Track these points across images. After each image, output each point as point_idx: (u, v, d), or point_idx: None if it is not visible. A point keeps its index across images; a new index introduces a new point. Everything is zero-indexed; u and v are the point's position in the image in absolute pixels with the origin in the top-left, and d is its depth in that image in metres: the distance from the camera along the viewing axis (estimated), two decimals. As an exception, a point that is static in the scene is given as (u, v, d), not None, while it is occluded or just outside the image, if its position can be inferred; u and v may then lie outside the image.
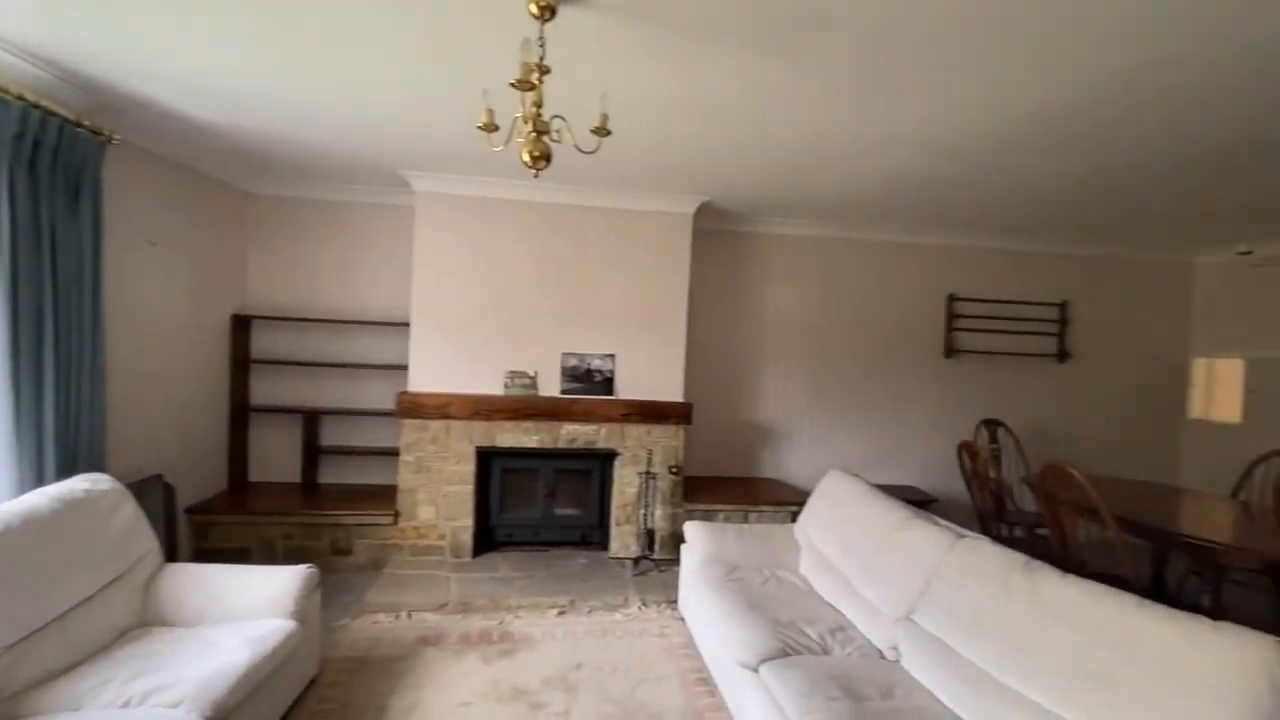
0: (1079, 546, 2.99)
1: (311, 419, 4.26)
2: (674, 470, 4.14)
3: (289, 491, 4.13)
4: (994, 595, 2.03)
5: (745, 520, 4.18)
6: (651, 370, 4.21)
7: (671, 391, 4.23)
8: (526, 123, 1.84)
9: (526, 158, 1.84)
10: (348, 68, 2.35)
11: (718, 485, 4.55)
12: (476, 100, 2.00)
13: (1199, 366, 5.35)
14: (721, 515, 4.20)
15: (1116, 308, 5.28)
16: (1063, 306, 5.19)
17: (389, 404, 4.15)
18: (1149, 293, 5.33)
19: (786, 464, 4.95)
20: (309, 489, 4.21)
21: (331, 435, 4.38)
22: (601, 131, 1.89)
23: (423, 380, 3.97)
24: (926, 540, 2.45)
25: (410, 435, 3.91)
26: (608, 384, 4.14)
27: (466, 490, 3.97)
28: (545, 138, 1.87)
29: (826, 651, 2.34)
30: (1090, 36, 1.92)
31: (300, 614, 2.42)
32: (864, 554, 2.73)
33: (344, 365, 4.28)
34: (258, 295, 4.31)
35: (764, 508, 4.26)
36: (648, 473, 4.04)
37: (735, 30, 1.95)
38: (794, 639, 2.35)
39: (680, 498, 4.18)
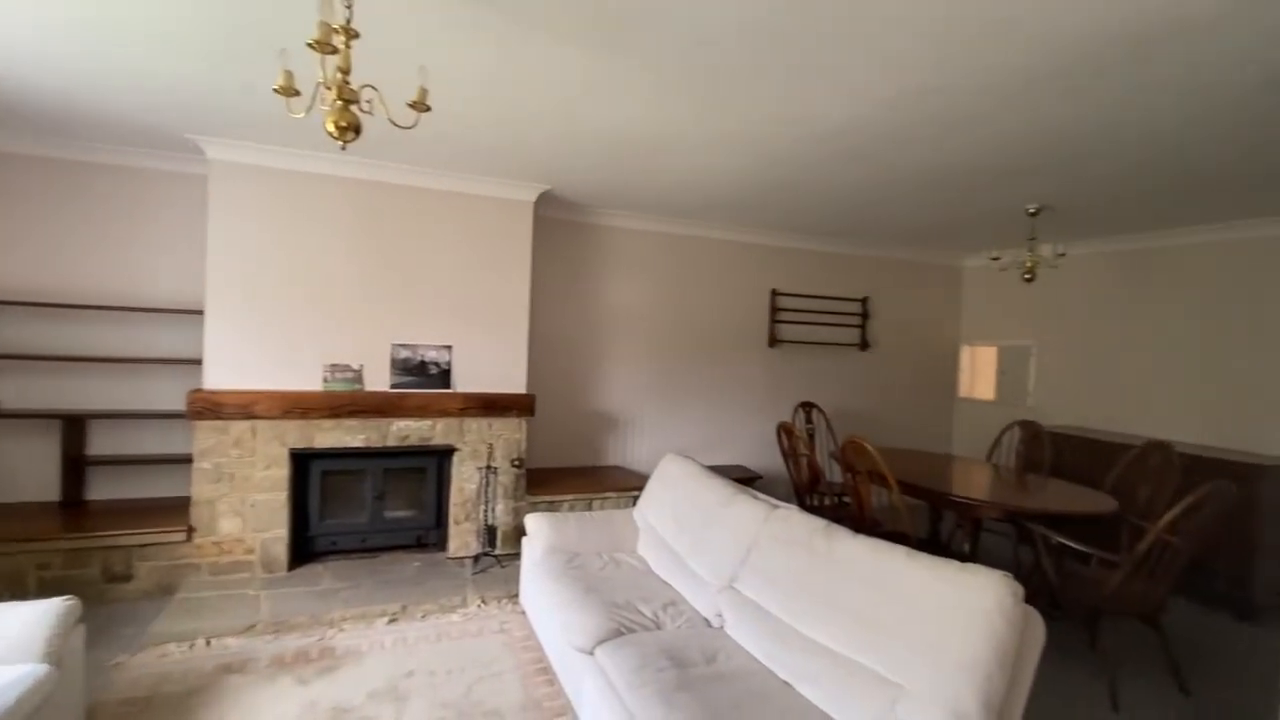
0: (873, 510, 3.42)
1: (75, 424, 3.56)
2: (516, 463, 4.07)
3: (44, 512, 3.43)
4: (800, 558, 2.26)
5: (589, 508, 4.23)
6: (492, 362, 4.09)
7: (514, 383, 4.14)
8: (330, 89, 1.68)
9: (331, 128, 1.68)
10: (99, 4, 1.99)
11: (562, 476, 4.56)
12: (271, 59, 1.79)
13: (965, 353, 6.38)
14: (566, 505, 4.21)
15: (905, 303, 6.11)
16: (864, 302, 5.90)
17: (179, 404, 3.60)
18: (930, 290, 6.24)
19: (630, 451, 5.09)
20: (72, 508, 3.52)
21: (102, 443, 3.69)
22: (420, 106, 1.79)
23: (221, 376, 3.49)
24: (746, 513, 2.66)
25: (206, 439, 3.43)
26: (444, 376, 3.95)
27: (279, 498, 3.57)
28: (354, 108, 1.72)
29: (659, 626, 2.44)
30: (878, 62, 2.18)
31: (55, 656, 2.02)
32: (694, 530, 2.89)
33: (118, 360, 3.61)
34: (-7, 276, 3.51)
35: (608, 494, 4.34)
36: (489, 467, 3.93)
37: (559, 15, 1.94)
38: (629, 618, 2.43)
39: (524, 491, 4.12)
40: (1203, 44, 1.95)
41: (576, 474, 4.66)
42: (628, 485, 4.42)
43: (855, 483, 3.41)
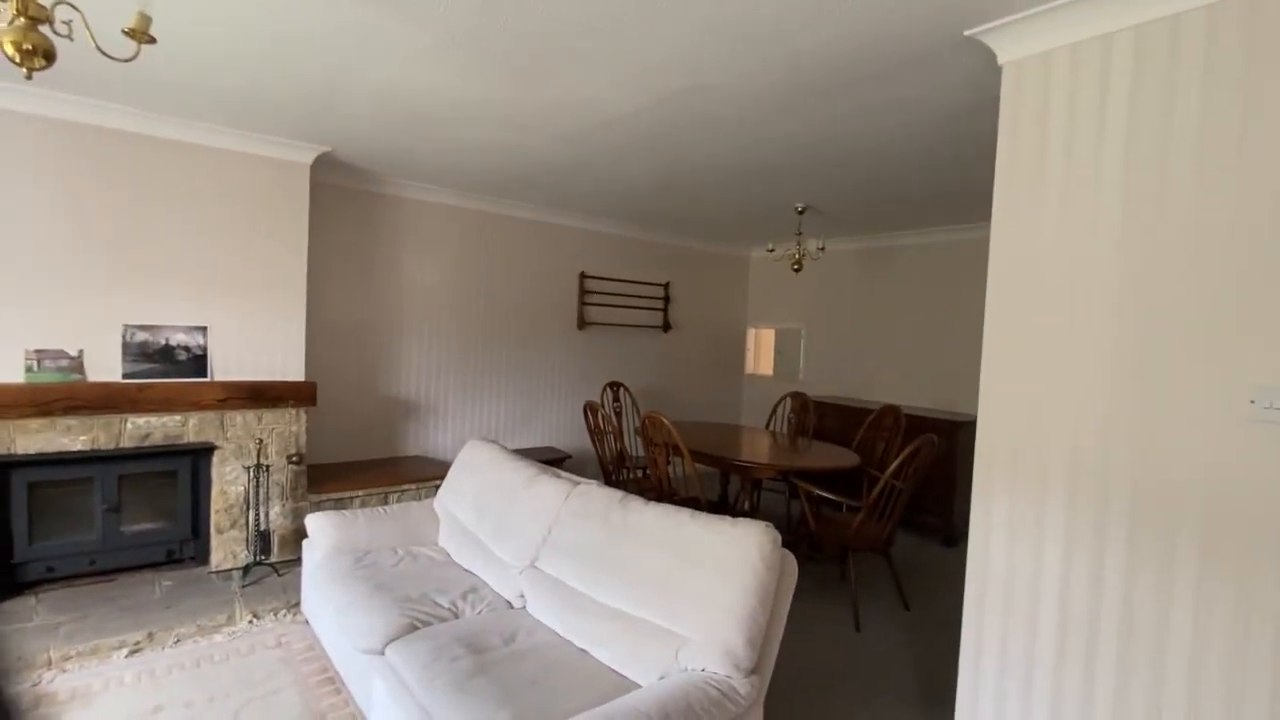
0: (670, 479, 3.68)
1: None
2: (294, 459, 3.64)
3: None
4: (597, 529, 2.35)
5: (385, 502, 3.95)
6: (261, 345, 3.59)
7: (290, 370, 3.69)
8: (7, 4, 1.32)
9: (10, 50, 1.33)
10: None
11: (352, 470, 4.20)
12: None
13: (751, 335, 7.10)
14: (357, 501, 3.88)
15: (701, 288, 6.61)
16: (666, 286, 6.26)
17: None
18: (723, 277, 6.82)
19: (432, 439, 4.85)
20: None
21: None
22: (141, 36, 1.49)
23: None
24: (549, 492, 2.69)
25: None
26: (198, 363, 3.38)
27: (-42, 521, 2.80)
28: (45, 29, 1.38)
29: (458, 615, 2.38)
30: (655, 57, 2.29)
31: None
32: (497, 514, 2.85)
33: None
34: None
35: (406, 486, 4.09)
36: (259, 465, 3.47)
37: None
38: (424, 611, 2.32)
39: (304, 489, 3.71)
40: (929, 70, 2.34)
41: (369, 467, 4.33)
42: (428, 475, 4.21)
43: (654, 455, 3.63)
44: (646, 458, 3.87)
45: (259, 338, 3.58)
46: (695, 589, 1.94)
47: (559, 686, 1.89)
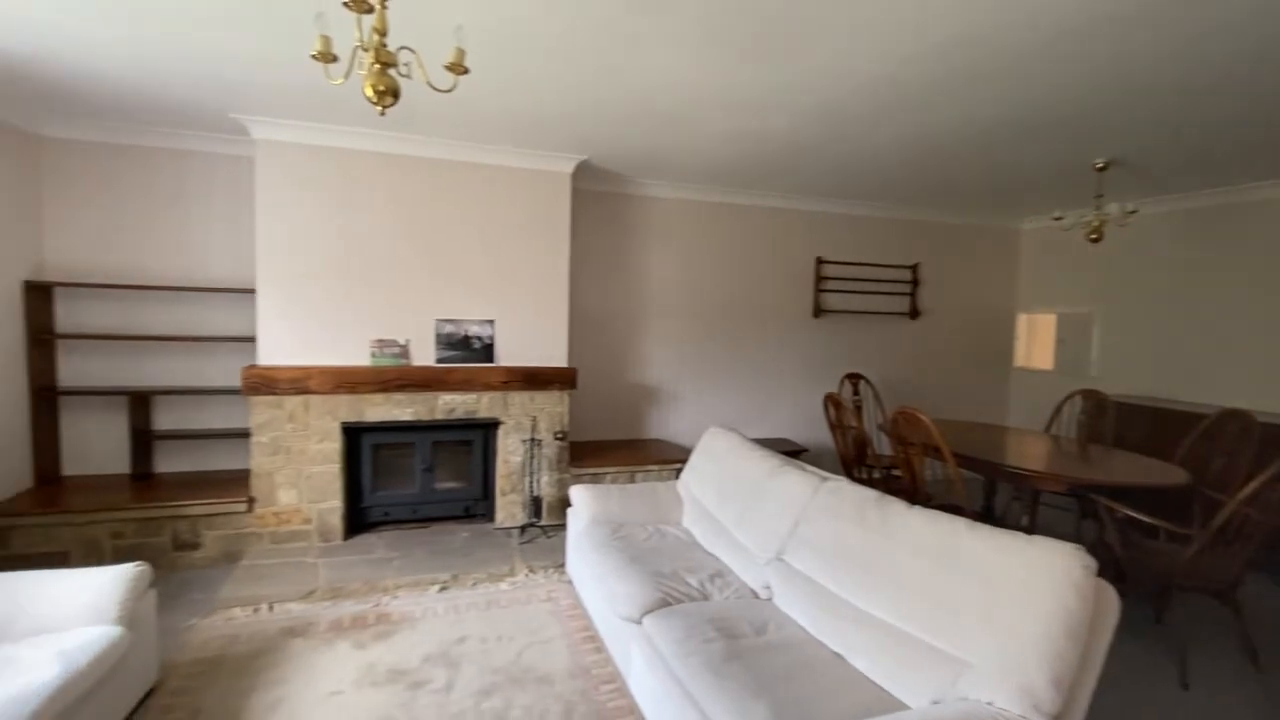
0: (925, 482, 3.32)
1: (140, 401, 3.73)
2: (560, 436, 4.09)
3: (116, 484, 3.61)
4: (851, 530, 2.19)
5: (632, 480, 4.24)
6: (533, 335, 4.10)
7: (555, 357, 4.15)
8: (368, 52, 1.65)
9: (370, 92, 1.66)
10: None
11: (604, 449, 4.57)
12: (309, 27, 1.77)
13: (1021, 321, 6.09)
14: (609, 477, 4.22)
15: (957, 269, 5.85)
16: (914, 268, 5.67)
17: (236, 381, 3.73)
18: (983, 256, 5.95)
19: (671, 424, 5.06)
20: (142, 480, 3.71)
21: (167, 418, 3.86)
22: (458, 68, 1.75)
23: (274, 353, 3.59)
24: (794, 485, 2.60)
25: (262, 414, 3.54)
26: (487, 350, 3.98)
27: (333, 470, 3.68)
28: (392, 71, 1.69)
29: (706, 597, 2.42)
30: (909, 12, 2.03)
31: (128, 618, 2.13)
32: (740, 503, 2.85)
33: (179, 339, 3.76)
34: (62, 259, 3.65)
35: (650, 467, 4.34)
36: (533, 440, 3.96)
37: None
38: (675, 589, 2.41)
39: (567, 463, 4.15)
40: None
41: (618, 447, 4.67)
42: (669, 458, 4.40)
43: (907, 454, 3.30)
44: (897, 457, 3.54)
45: (532, 329, 4.08)
46: (980, 611, 1.69)
47: (814, 687, 1.80)
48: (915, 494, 3.30)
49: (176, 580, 3.25)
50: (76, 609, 2.08)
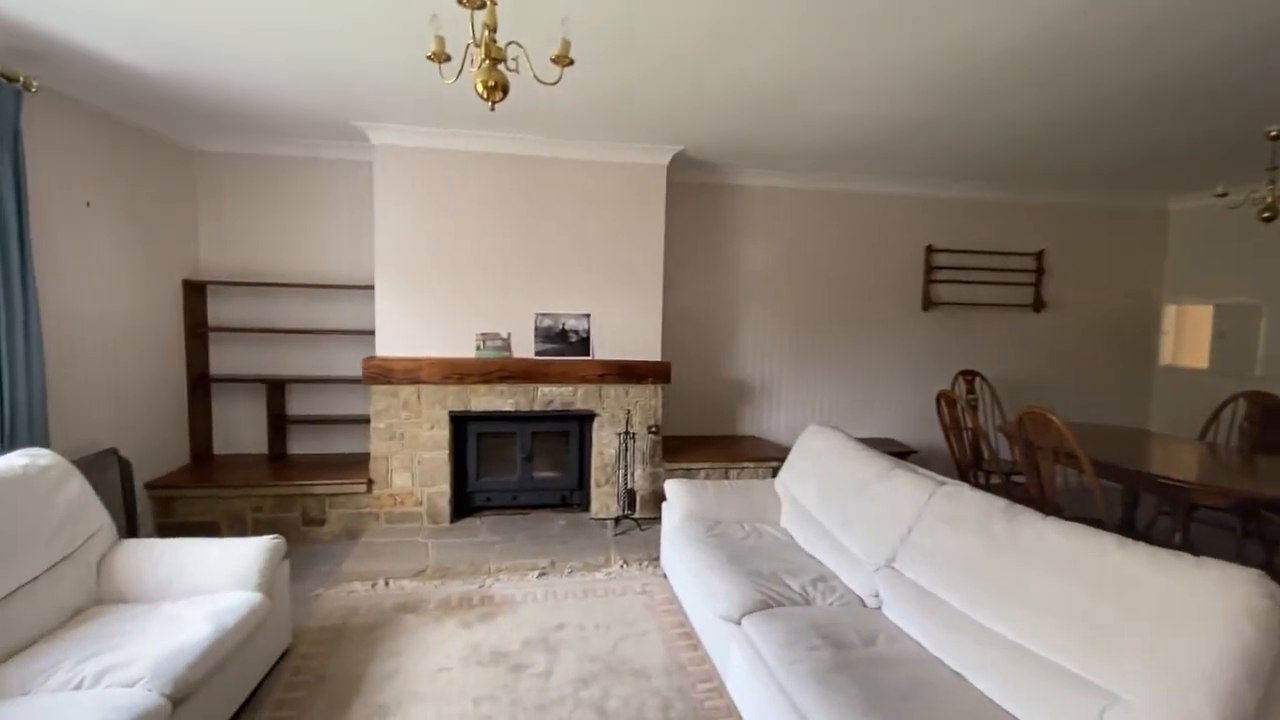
0: (1054, 491, 3.01)
1: (276, 388, 4.10)
2: (653, 430, 4.08)
3: (256, 463, 4.00)
4: (975, 541, 2.02)
5: (726, 477, 4.16)
6: (628, 329, 4.11)
7: (649, 351, 4.14)
8: (479, 48, 1.68)
9: (480, 88, 1.69)
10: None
11: (698, 444, 4.52)
12: (423, 31, 1.83)
13: (1169, 313, 5.41)
14: (702, 473, 4.17)
15: (1092, 256, 5.28)
16: (1039, 255, 5.18)
17: (357, 371, 4.01)
18: (1124, 240, 5.33)
19: (766, 421, 4.93)
20: (277, 460, 4.08)
21: (298, 404, 4.22)
22: (563, 60, 1.75)
23: (390, 345, 3.82)
24: (906, 489, 2.43)
25: (380, 402, 3.79)
26: (584, 344, 4.03)
27: (442, 456, 3.87)
28: (501, 66, 1.72)
29: (808, 602, 2.32)
30: None
31: (267, 586, 2.34)
32: (844, 505, 2.71)
33: (308, 332, 4.10)
34: (213, 260, 4.08)
35: (745, 464, 4.24)
36: (627, 433, 3.97)
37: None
38: (775, 591, 2.33)
39: (660, 457, 4.14)
40: None
41: (711, 442, 4.60)
42: (765, 455, 4.28)
43: (1034, 459, 3.01)
44: (1021, 462, 3.24)
45: (627, 323, 4.09)
46: (1133, 638, 1.50)
47: (935, 710, 1.67)
48: (1043, 503, 3.01)
49: (305, 553, 3.54)
50: (224, 574, 2.31)
